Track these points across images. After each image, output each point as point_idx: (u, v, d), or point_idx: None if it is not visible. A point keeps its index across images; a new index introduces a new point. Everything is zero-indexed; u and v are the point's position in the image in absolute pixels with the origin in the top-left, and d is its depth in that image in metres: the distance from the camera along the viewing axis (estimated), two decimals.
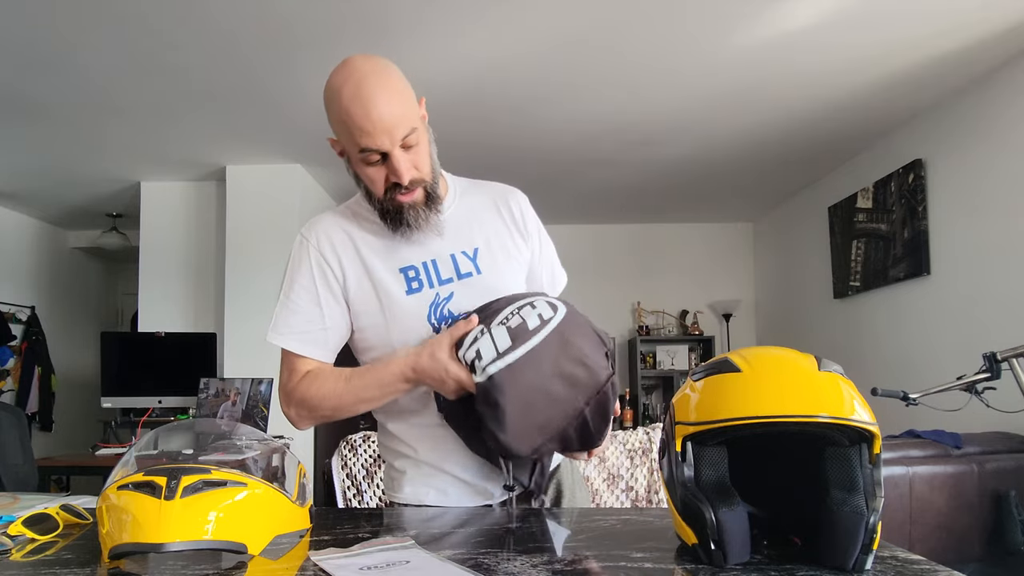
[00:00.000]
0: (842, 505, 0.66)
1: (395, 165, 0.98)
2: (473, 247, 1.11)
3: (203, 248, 4.60)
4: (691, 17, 2.59)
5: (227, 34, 2.67)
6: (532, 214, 1.19)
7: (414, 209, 1.03)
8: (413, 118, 0.99)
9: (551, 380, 0.94)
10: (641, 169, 4.42)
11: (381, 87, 0.96)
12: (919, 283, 3.57)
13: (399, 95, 0.98)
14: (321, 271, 1.09)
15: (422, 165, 1.02)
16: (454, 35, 2.70)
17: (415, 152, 1.01)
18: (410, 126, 0.98)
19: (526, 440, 0.94)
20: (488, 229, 1.13)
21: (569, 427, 0.95)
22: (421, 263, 1.08)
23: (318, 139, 3.86)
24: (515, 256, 1.15)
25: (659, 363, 5.69)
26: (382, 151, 0.97)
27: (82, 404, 5.76)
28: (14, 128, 3.59)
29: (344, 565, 0.68)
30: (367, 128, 0.95)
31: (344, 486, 2.18)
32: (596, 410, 0.96)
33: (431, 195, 1.04)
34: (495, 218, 1.15)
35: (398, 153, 0.98)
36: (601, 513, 0.96)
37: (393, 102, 0.96)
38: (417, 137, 0.99)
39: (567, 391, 0.94)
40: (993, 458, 2.24)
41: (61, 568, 0.68)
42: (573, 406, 0.95)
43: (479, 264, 1.10)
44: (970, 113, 3.19)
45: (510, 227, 1.15)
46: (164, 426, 0.96)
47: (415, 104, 1.02)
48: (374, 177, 1.01)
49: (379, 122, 0.95)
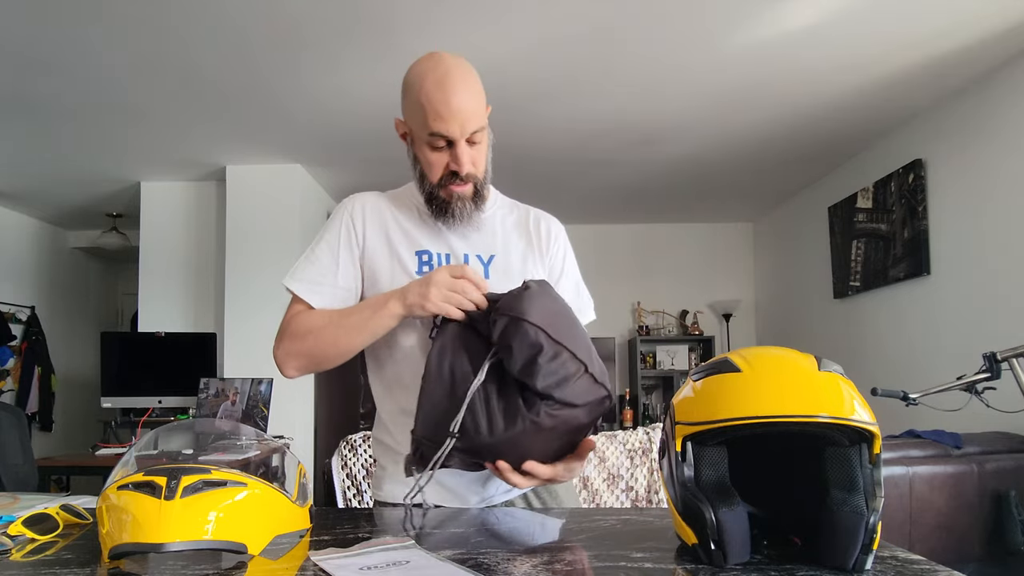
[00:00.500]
0: (842, 505, 0.66)
1: (459, 154, 1.05)
2: (490, 254, 1.15)
3: (203, 248, 4.61)
4: (691, 17, 2.59)
5: (229, 34, 2.67)
6: (561, 241, 1.22)
7: (462, 201, 1.09)
8: (483, 118, 1.06)
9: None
10: (641, 169, 4.42)
11: (463, 81, 1.03)
12: (919, 283, 3.57)
13: (476, 94, 1.05)
14: (348, 233, 1.14)
15: (479, 163, 1.09)
16: (457, 35, 2.70)
17: (477, 149, 1.07)
18: (480, 123, 1.05)
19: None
20: (510, 243, 1.18)
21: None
22: (437, 253, 1.13)
23: (319, 139, 3.87)
24: (531, 273, 1.16)
25: (659, 363, 5.69)
26: (451, 139, 1.04)
27: (82, 404, 5.76)
28: (14, 128, 3.59)
29: (344, 565, 0.68)
30: (443, 114, 1.02)
31: (344, 486, 2.18)
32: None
33: (479, 193, 1.11)
34: (520, 235, 1.19)
35: (464, 144, 1.05)
36: (601, 513, 0.96)
37: (471, 97, 1.03)
38: (482, 136, 1.07)
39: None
40: (993, 458, 2.24)
41: (61, 568, 0.68)
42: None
43: (490, 271, 1.14)
44: (970, 113, 3.19)
45: (532, 245, 1.19)
46: (164, 426, 0.96)
47: (483, 107, 1.08)
48: (434, 162, 1.07)
49: (456, 111, 1.02)
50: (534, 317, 0.89)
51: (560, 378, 0.89)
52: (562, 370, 0.89)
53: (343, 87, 3.16)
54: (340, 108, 3.41)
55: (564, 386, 0.89)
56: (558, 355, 0.89)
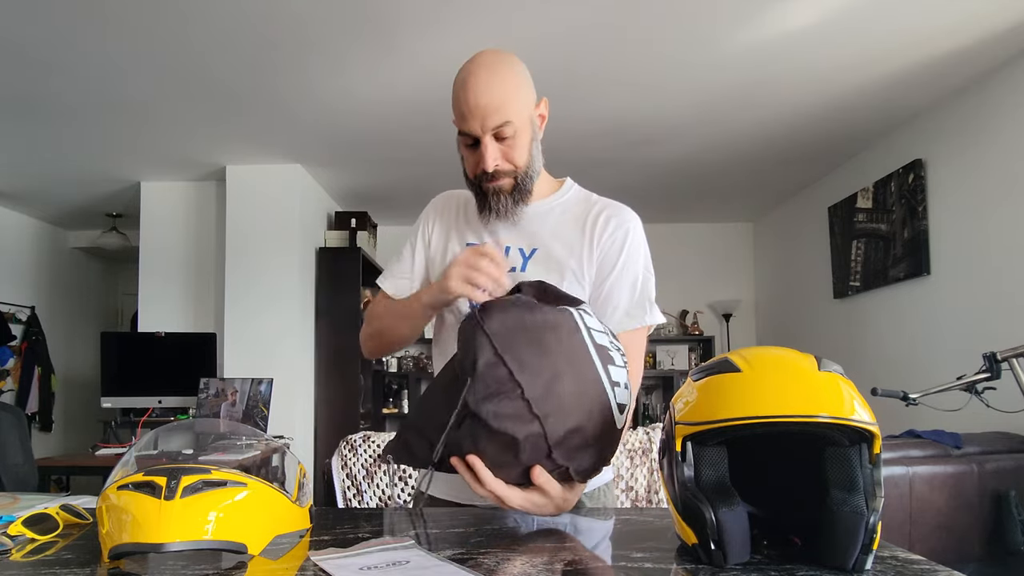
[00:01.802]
0: (842, 505, 0.66)
1: (482, 151, 1.05)
2: (532, 247, 1.12)
3: (203, 248, 4.61)
4: (691, 17, 2.59)
5: (229, 34, 2.67)
6: (620, 235, 1.11)
7: (498, 196, 1.09)
8: (512, 112, 1.03)
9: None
10: (641, 169, 4.42)
11: (487, 78, 1.02)
12: (919, 283, 3.57)
13: (502, 88, 1.03)
14: (423, 229, 1.23)
15: (515, 158, 1.07)
16: (458, 36, 2.70)
17: (508, 144, 1.05)
18: (505, 118, 1.02)
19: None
20: (559, 236, 1.12)
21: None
22: (479, 242, 1.15)
23: (319, 139, 3.87)
24: (572, 270, 1.10)
25: (659, 363, 5.69)
26: (474, 135, 1.04)
27: (82, 404, 5.76)
28: (15, 128, 3.59)
29: (344, 565, 0.68)
30: (464, 112, 1.03)
31: (344, 486, 2.18)
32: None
33: (519, 187, 1.09)
34: (574, 229, 1.12)
35: (487, 141, 1.04)
36: (600, 514, 0.96)
37: (493, 93, 1.02)
38: (513, 129, 1.04)
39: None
40: (993, 458, 2.24)
41: (61, 568, 0.68)
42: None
43: (529, 264, 1.11)
44: (970, 113, 3.19)
45: (584, 239, 1.11)
46: (164, 426, 0.96)
47: (521, 100, 1.05)
48: (468, 158, 1.10)
49: (475, 109, 1.02)
50: (491, 325, 0.80)
51: (488, 393, 0.79)
52: (494, 386, 0.79)
53: (344, 87, 3.16)
54: (341, 108, 3.41)
55: (489, 402, 0.79)
56: (495, 367, 0.79)
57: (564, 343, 0.81)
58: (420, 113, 3.46)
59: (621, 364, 0.84)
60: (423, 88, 3.17)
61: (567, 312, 0.84)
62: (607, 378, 0.81)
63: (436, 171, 4.25)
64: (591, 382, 0.80)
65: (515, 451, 0.80)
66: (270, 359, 4.09)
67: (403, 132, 3.73)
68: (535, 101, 1.10)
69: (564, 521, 0.93)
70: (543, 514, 0.85)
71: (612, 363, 0.83)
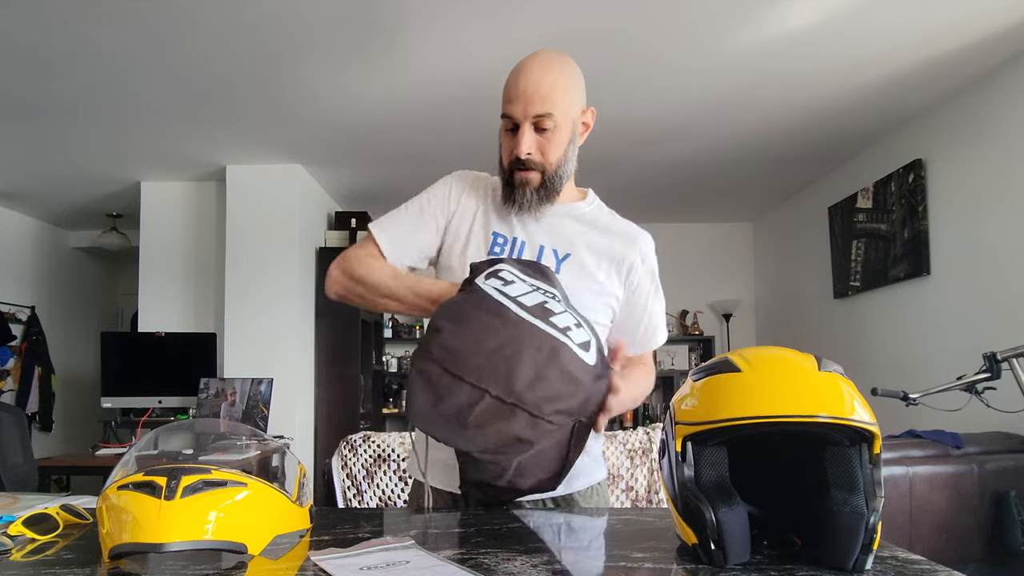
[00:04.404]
0: (842, 505, 0.66)
1: (519, 136, 1.06)
2: (566, 252, 1.13)
3: (203, 248, 4.61)
4: (691, 17, 2.59)
5: (229, 34, 2.67)
6: (648, 262, 1.19)
7: (524, 188, 1.09)
8: (555, 105, 1.05)
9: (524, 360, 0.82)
10: (641, 169, 4.42)
11: (540, 68, 1.06)
12: (919, 283, 3.57)
13: (551, 81, 1.05)
14: (443, 200, 1.17)
15: (549, 153, 1.08)
16: (459, 37, 2.70)
17: (546, 137, 1.07)
18: (547, 109, 1.04)
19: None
20: (593, 250, 1.14)
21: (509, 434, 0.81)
22: (512, 237, 1.13)
23: (319, 139, 3.87)
24: (604, 284, 1.13)
25: (659, 363, 5.69)
26: (515, 120, 1.06)
27: (82, 404, 5.76)
28: (14, 128, 3.59)
29: (344, 565, 0.68)
30: (511, 96, 1.06)
31: (344, 486, 2.18)
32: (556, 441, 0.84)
33: (547, 185, 1.10)
34: (606, 246, 1.15)
35: (526, 127, 1.06)
36: (601, 513, 0.96)
37: (541, 83, 1.04)
38: (553, 123, 1.06)
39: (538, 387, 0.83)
40: (993, 458, 2.24)
41: (61, 568, 0.68)
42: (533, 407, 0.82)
43: (561, 267, 1.11)
44: (970, 113, 3.19)
45: (613, 260, 1.15)
46: (164, 426, 0.96)
47: (568, 99, 1.07)
48: (505, 144, 1.11)
49: (521, 93, 1.04)
50: (434, 350, 0.82)
51: (454, 411, 0.80)
52: (455, 403, 0.80)
53: (344, 87, 3.16)
54: (341, 108, 3.41)
55: (458, 427, 0.80)
56: (452, 388, 0.81)
57: (501, 331, 0.83)
58: (420, 113, 3.46)
59: (562, 310, 0.88)
60: (423, 88, 3.17)
61: (480, 293, 0.88)
62: (554, 330, 0.85)
63: (436, 171, 4.19)
64: (542, 343, 0.83)
65: (520, 450, 0.82)
66: (270, 359, 4.09)
67: (403, 132, 3.73)
68: (583, 107, 1.12)
69: (560, 521, 0.93)
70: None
71: (552, 314, 0.86)
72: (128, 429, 4.03)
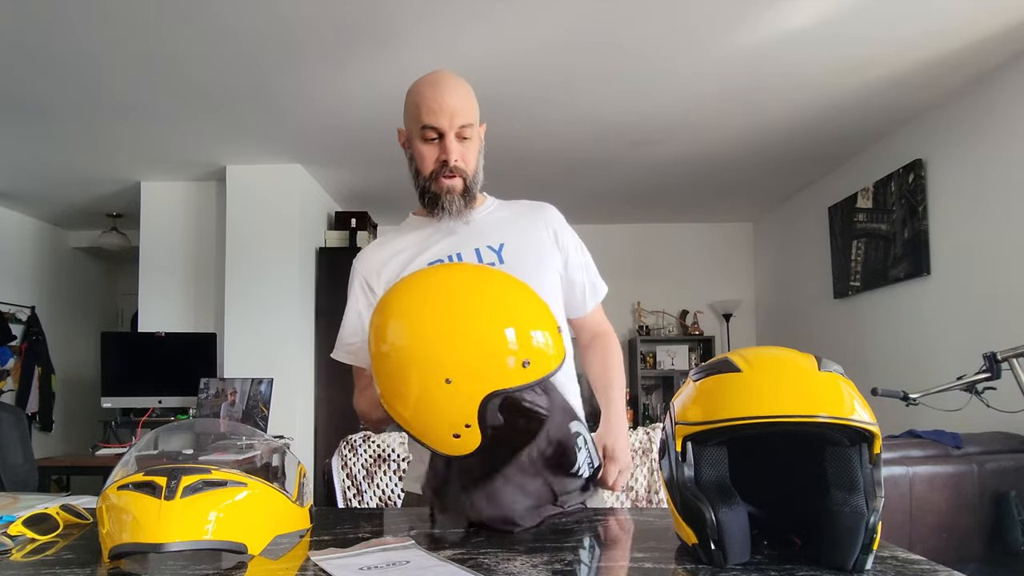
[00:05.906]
0: (842, 505, 0.66)
1: (448, 145, 1.14)
2: (500, 243, 1.21)
3: (203, 248, 4.60)
4: (691, 17, 2.59)
5: (229, 34, 2.67)
6: (564, 226, 1.29)
7: (451, 195, 1.17)
8: (472, 118, 1.17)
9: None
10: (641, 169, 4.42)
11: (455, 83, 1.16)
12: (919, 283, 3.57)
13: (465, 96, 1.17)
14: (363, 291, 1.23)
15: (468, 160, 1.18)
16: (457, 38, 2.70)
17: (466, 146, 1.17)
18: (469, 120, 1.15)
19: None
20: (518, 230, 1.24)
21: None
22: (447, 256, 1.19)
23: (319, 139, 3.87)
24: (547, 259, 1.23)
25: (659, 363, 5.69)
26: (441, 130, 1.14)
27: (82, 404, 5.76)
28: (14, 128, 3.59)
29: (344, 565, 0.68)
30: (435, 108, 1.13)
31: (344, 486, 2.18)
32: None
33: (468, 191, 1.18)
34: (528, 225, 1.25)
35: (453, 136, 1.14)
36: (601, 513, 0.96)
37: (461, 96, 1.15)
38: (472, 133, 1.17)
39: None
40: (993, 458, 2.24)
41: (61, 568, 0.68)
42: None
43: (503, 255, 1.19)
44: (970, 113, 3.19)
45: (542, 234, 1.25)
46: (164, 426, 0.96)
47: (476, 113, 1.19)
48: (426, 155, 1.17)
49: (446, 106, 1.13)
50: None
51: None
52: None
53: (344, 88, 3.16)
54: (341, 109, 3.41)
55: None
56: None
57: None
58: None
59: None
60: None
61: None
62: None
63: None
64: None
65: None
66: (270, 359, 4.09)
67: None
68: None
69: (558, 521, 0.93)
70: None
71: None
72: (128, 429, 4.03)
